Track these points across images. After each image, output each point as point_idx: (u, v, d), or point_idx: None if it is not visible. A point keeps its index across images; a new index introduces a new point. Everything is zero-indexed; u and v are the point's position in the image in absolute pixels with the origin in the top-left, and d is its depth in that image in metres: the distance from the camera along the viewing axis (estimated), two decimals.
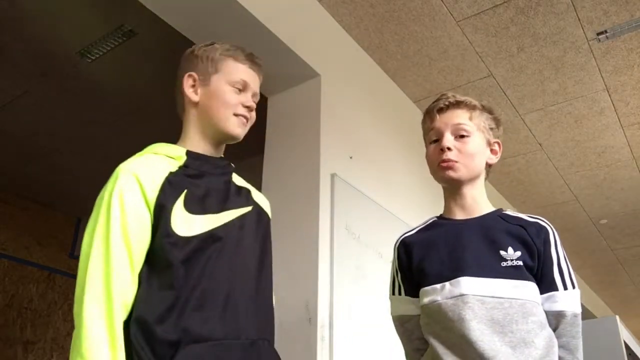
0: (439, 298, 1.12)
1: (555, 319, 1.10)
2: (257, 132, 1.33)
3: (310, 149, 2.30)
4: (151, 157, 1.11)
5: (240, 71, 1.18)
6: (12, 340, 4.09)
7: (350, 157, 2.50)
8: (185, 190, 1.05)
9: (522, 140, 3.75)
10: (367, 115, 2.80)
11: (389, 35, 2.80)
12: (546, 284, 1.12)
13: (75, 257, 4.68)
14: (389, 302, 1.29)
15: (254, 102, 1.20)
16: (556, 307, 1.10)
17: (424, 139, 1.30)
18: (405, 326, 1.24)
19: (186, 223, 1.02)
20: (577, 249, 5.68)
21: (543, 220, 1.19)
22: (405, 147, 3.02)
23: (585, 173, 4.20)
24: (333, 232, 2.17)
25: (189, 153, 1.13)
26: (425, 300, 1.15)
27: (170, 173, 1.06)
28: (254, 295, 1.08)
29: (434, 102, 1.28)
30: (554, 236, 1.16)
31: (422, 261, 1.20)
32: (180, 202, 1.03)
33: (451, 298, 1.10)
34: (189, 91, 1.18)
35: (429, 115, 1.27)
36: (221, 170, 1.17)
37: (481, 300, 1.07)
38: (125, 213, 0.98)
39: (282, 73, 2.43)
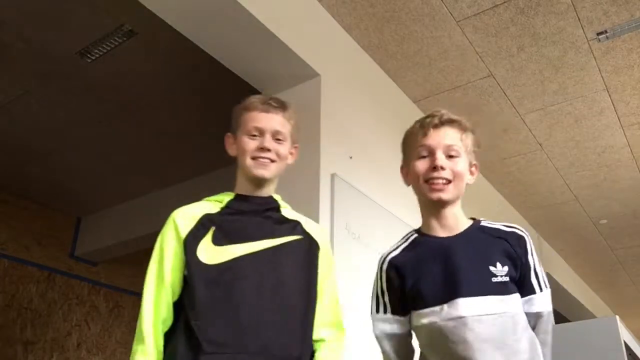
0: (437, 320, 1.16)
1: (533, 319, 1.20)
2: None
3: (310, 149, 2.30)
4: (198, 203, 1.33)
5: (252, 120, 1.33)
6: (12, 340, 4.09)
7: (350, 157, 2.50)
8: (214, 227, 1.24)
9: (522, 140, 3.75)
10: (367, 115, 2.80)
11: (389, 35, 2.80)
12: (526, 289, 1.20)
13: (75, 257, 4.68)
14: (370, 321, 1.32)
15: (279, 138, 1.33)
16: (534, 308, 1.20)
17: (408, 151, 1.32)
18: (393, 343, 1.28)
19: (211, 253, 1.21)
20: (577, 249, 5.68)
21: (518, 229, 1.25)
22: None
23: (585, 173, 4.20)
24: (333, 232, 2.17)
25: (236, 196, 1.33)
26: (424, 321, 1.19)
27: (206, 214, 1.27)
28: (289, 316, 1.22)
29: (427, 118, 1.29)
30: (530, 243, 1.23)
31: (416, 283, 1.22)
32: (208, 237, 1.23)
33: (450, 320, 1.14)
34: (228, 149, 1.39)
35: (422, 130, 1.28)
36: (263, 207, 1.33)
37: (478, 319, 1.13)
38: (162, 252, 1.24)
39: (282, 73, 2.43)
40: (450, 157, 1.24)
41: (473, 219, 1.28)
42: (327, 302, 1.32)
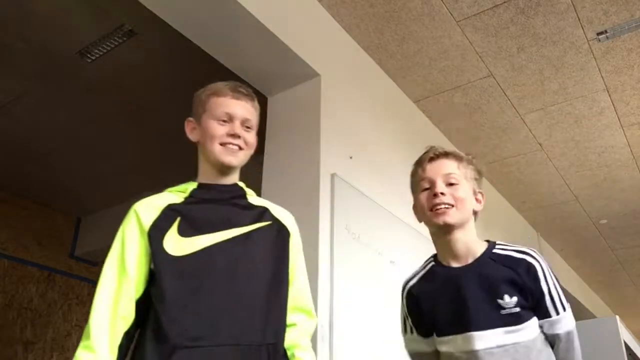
0: (452, 350, 1.25)
1: (552, 339, 1.25)
2: (257, 132, 1.36)
3: (311, 149, 2.30)
4: (160, 194, 1.28)
5: (222, 105, 1.29)
6: (12, 340, 4.09)
7: (350, 157, 2.50)
8: (179, 218, 1.20)
9: (522, 140, 3.75)
10: (367, 115, 2.80)
11: (389, 35, 2.80)
12: (541, 313, 1.24)
13: (75, 257, 4.68)
14: (401, 338, 1.40)
15: (248, 126, 1.30)
16: (552, 330, 1.24)
17: (413, 189, 1.38)
18: (423, 358, 1.35)
19: (178, 245, 1.16)
20: (577, 249, 5.68)
21: (530, 255, 1.27)
22: (405, 147, 3.02)
23: (585, 173, 4.20)
24: (333, 232, 2.17)
25: (199, 185, 1.29)
26: (443, 348, 1.28)
27: (169, 205, 1.23)
28: (263, 302, 1.18)
29: (423, 154, 1.36)
30: (542, 269, 1.26)
31: (431, 313, 1.30)
32: (174, 228, 1.18)
33: (464, 352, 1.22)
34: (189, 135, 1.35)
35: (420, 165, 1.35)
36: (228, 195, 1.29)
37: (490, 352, 1.19)
38: (123, 245, 1.18)
39: (282, 73, 2.43)
40: (450, 184, 1.30)
41: (488, 241, 1.33)
42: (298, 287, 1.32)
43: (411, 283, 1.38)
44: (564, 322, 1.25)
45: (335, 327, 2.02)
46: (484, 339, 1.21)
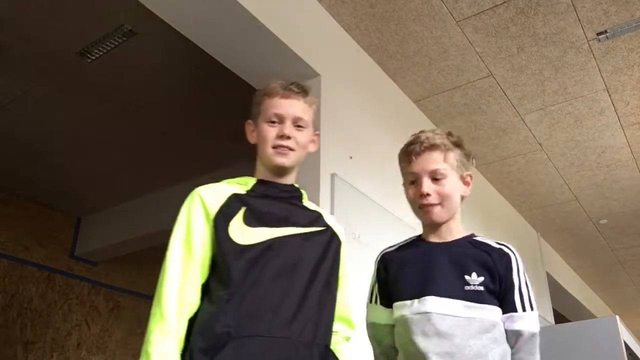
0: (407, 313, 1.25)
1: (514, 337, 1.24)
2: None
3: None
4: (220, 184, 1.27)
5: (272, 106, 1.28)
6: (12, 340, 4.09)
7: (350, 157, 2.50)
8: (245, 208, 1.19)
9: (522, 140, 3.75)
10: (367, 115, 2.80)
11: (389, 35, 2.80)
12: (507, 306, 1.25)
13: (75, 257, 4.68)
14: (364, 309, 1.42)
15: (300, 125, 1.28)
16: (514, 326, 1.24)
17: (402, 175, 1.41)
18: (376, 332, 1.38)
19: (244, 233, 1.16)
20: (577, 249, 5.68)
21: (507, 247, 1.31)
22: None
23: (585, 173, 4.20)
24: None
25: (258, 181, 1.29)
26: (397, 313, 1.29)
27: (234, 194, 1.22)
28: (317, 302, 1.18)
29: (410, 145, 1.37)
30: (516, 262, 1.29)
31: (396, 277, 1.33)
32: (239, 216, 1.18)
33: (417, 314, 1.23)
34: (248, 137, 1.34)
35: (407, 157, 1.36)
36: (287, 194, 1.30)
37: (442, 317, 1.21)
38: (189, 228, 1.16)
39: (282, 73, 2.43)
40: (436, 180, 1.32)
41: (473, 234, 1.36)
42: (342, 297, 1.32)
43: (388, 250, 1.43)
44: (529, 321, 1.24)
45: None
46: (441, 305, 1.22)
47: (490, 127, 3.60)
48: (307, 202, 1.35)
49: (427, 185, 1.30)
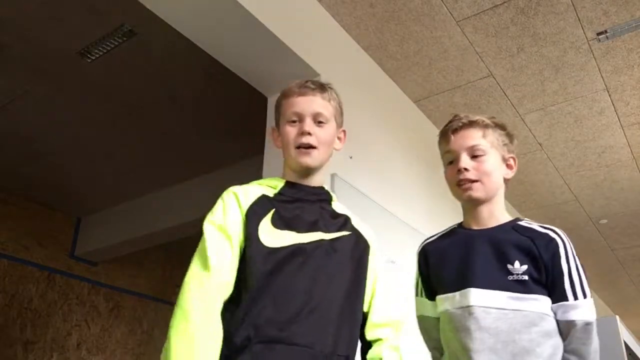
0: (449, 307, 1.20)
1: (566, 327, 1.15)
2: (257, 132, 1.35)
3: None
4: (252, 185, 1.24)
5: (291, 105, 1.25)
6: (12, 340, 4.09)
7: (350, 157, 2.50)
8: (274, 209, 1.16)
9: (522, 140, 3.75)
10: (367, 115, 2.80)
11: (389, 35, 2.80)
12: (557, 295, 1.16)
13: (75, 257, 4.68)
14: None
15: (321, 121, 1.24)
16: (567, 316, 1.15)
17: (442, 159, 1.35)
18: (424, 325, 1.33)
19: (271, 235, 1.13)
20: (577, 249, 5.59)
21: (554, 231, 1.22)
22: (405, 147, 3.02)
23: (585, 173, 4.20)
24: None
25: (287, 183, 1.25)
26: (441, 308, 1.24)
27: (264, 195, 1.19)
28: (337, 312, 1.13)
29: (447, 124, 1.33)
30: (564, 247, 1.20)
31: (437, 269, 1.28)
32: (268, 217, 1.15)
33: (459, 308, 1.18)
34: (275, 143, 1.32)
35: (444, 137, 1.32)
36: (316, 197, 1.26)
37: (486, 311, 1.15)
38: (225, 212, 1.13)
39: (282, 73, 2.43)
40: (475, 157, 1.26)
41: (518, 219, 1.29)
42: (381, 300, 1.25)
43: (428, 241, 1.38)
44: (583, 310, 1.15)
45: None
46: (483, 297, 1.15)
47: None
48: (335, 205, 1.31)
49: (465, 161, 1.25)
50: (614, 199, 4.60)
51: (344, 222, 1.27)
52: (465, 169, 1.24)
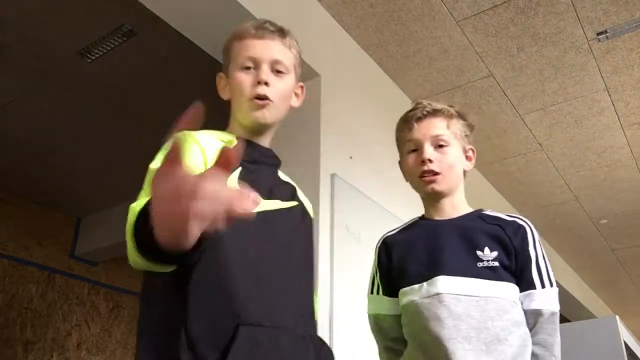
0: (416, 298, 1.14)
1: (533, 317, 1.12)
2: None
3: (310, 149, 2.30)
4: (206, 134, 1.00)
5: (245, 49, 1.06)
6: (12, 340, 4.09)
7: (350, 157, 2.50)
8: (241, 167, 0.96)
9: (522, 140, 3.75)
10: (367, 115, 2.80)
11: (389, 35, 2.80)
12: (525, 283, 1.14)
13: (75, 257, 4.68)
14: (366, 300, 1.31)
15: (280, 70, 1.06)
16: (534, 305, 1.12)
17: (399, 147, 1.31)
18: (380, 325, 1.26)
19: None
20: (577, 249, 5.68)
21: (521, 219, 1.21)
22: None
23: (585, 173, 4.20)
24: (333, 232, 2.17)
25: (239, 139, 1.03)
26: (404, 300, 1.17)
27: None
28: (301, 290, 1.01)
29: (410, 111, 1.28)
30: (532, 234, 1.19)
31: (401, 261, 1.22)
32: (235, 176, 0.94)
33: (427, 297, 1.12)
34: (220, 93, 1.12)
35: (407, 124, 1.27)
36: (270, 161, 1.10)
37: (457, 298, 1.09)
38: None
39: None
40: (439, 147, 1.22)
41: (481, 209, 1.26)
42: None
43: (388, 234, 1.32)
44: (549, 299, 1.13)
45: (335, 327, 2.02)
46: (453, 285, 1.10)
47: (490, 127, 3.60)
48: (281, 173, 1.15)
49: (429, 152, 1.21)
50: (614, 199, 4.60)
51: (293, 191, 1.12)
52: (430, 160, 1.20)
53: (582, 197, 4.58)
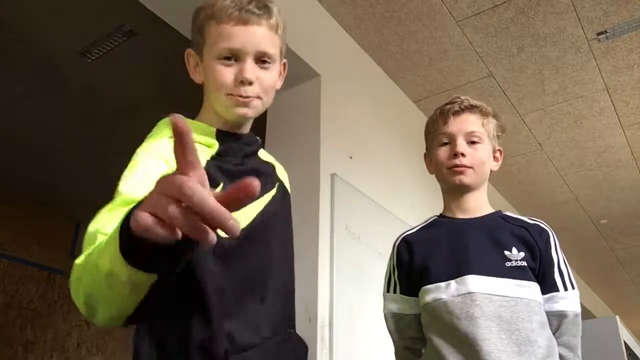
0: (444, 296, 1.12)
1: (556, 319, 1.12)
2: (257, 132, 1.29)
3: (310, 149, 2.30)
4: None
5: (224, 37, 0.90)
6: (12, 340, 4.09)
7: (350, 157, 2.50)
8: (222, 184, 0.86)
9: (522, 140, 3.75)
10: (367, 115, 2.80)
11: (389, 35, 2.80)
12: (548, 285, 1.13)
13: (75, 257, 4.68)
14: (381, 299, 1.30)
15: (266, 61, 0.95)
16: (557, 307, 1.12)
17: (430, 139, 1.29)
18: (398, 324, 1.25)
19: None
20: (577, 249, 5.68)
21: (543, 223, 1.22)
22: (405, 147, 3.02)
23: (585, 173, 4.20)
24: (333, 232, 2.17)
25: (218, 133, 0.94)
26: (428, 298, 1.15)
27: (208, 161, 0.88)
28: (281, 288, 0.96)
29: (448, 104, 1.27)
30: (554, 238, 1.19)
31: (425, 259, 1.20)
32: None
33: (458, 296, 1.10)
34: (191, 73, 1.00)
35: (442, 117, 1.26)
36: (251, 149, 1.00)
37: (489, 298, 1.08)
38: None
39: None
40: (472, 143, 1.22)
41: (500, 211, 1.27)
42: None
43: (408, 233, 1.30)
44: (572, 301, 1.13)
45: (335, 327, 2.02)
46: (485, 284, 1.09)
47: None
48: (261, 152, 1.06)
49: (463, 146, 1.20)
50: (614, 199, 4.60)
51: (272, 174, 1.03)
52: (462, 154, 1.19)
53: (582, 197, 4.58)
